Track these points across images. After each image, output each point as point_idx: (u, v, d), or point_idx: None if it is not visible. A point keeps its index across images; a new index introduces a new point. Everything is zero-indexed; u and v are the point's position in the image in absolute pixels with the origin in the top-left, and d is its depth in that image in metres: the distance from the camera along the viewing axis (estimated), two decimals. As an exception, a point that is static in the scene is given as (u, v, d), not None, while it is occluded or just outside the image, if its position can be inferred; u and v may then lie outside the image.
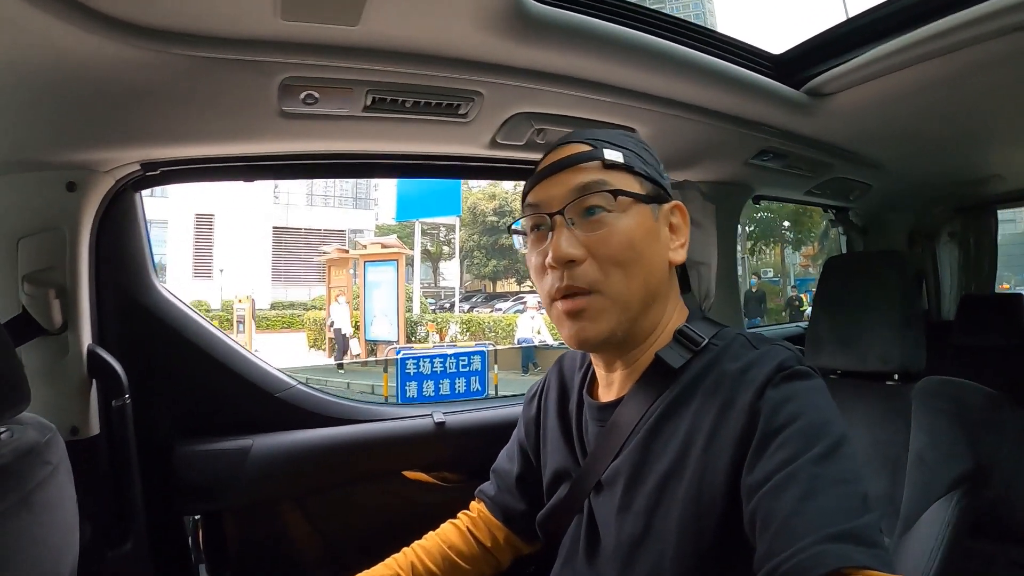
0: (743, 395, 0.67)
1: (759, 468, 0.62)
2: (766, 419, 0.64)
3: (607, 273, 0.73)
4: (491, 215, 22.51)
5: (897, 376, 1.24)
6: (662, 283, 0.78)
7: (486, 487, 1.02)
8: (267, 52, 0.85)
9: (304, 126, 1.05)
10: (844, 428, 0.64)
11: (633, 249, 0.74)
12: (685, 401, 0.73)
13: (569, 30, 0.92)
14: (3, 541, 0.58)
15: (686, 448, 0.70)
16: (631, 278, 0.74)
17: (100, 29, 0.73)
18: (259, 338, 14.04)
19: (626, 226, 0.74)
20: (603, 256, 0.73)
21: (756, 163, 1.52)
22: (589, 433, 0.83)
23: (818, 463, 0.59)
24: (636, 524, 0.71)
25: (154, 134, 1.02)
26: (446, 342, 12.72)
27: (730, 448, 0.66)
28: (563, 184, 0.76)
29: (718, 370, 0.72)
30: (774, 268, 21.72)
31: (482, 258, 23.86)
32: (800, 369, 0.69)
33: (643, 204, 0.77)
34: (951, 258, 2.49)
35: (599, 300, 0.73)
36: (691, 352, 0.76)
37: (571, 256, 0.73)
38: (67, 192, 1.03)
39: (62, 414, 1.02)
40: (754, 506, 0.60)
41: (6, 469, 0.62)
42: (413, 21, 0.84)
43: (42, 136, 0.96)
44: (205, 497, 1.19)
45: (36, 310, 1.02)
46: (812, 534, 0.54)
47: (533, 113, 1.12)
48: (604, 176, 0.75)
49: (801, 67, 1.26)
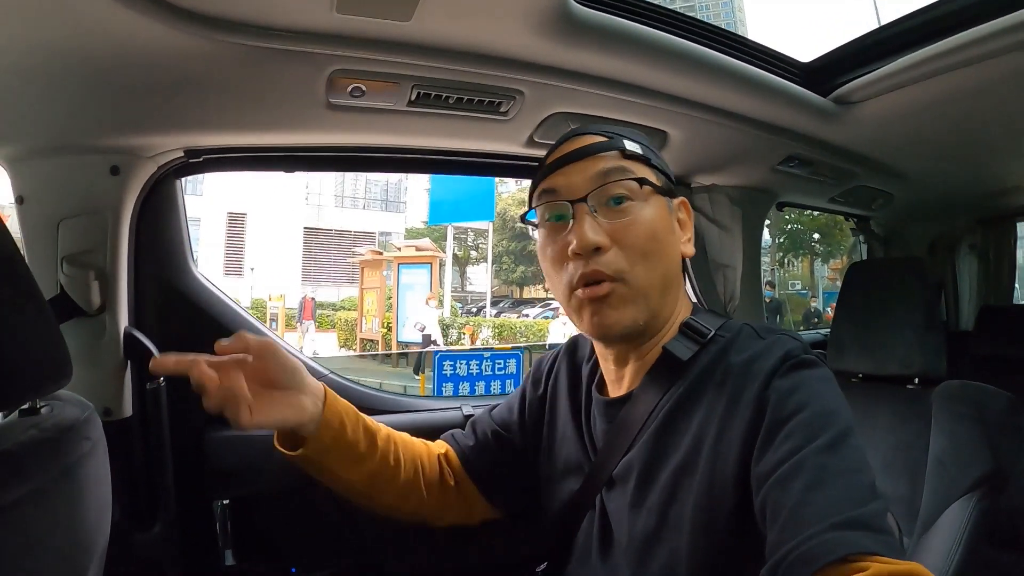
0: (751, 386, 0.67)
1: (767, 458, 0.62)
2: (773, 408, 0.65)
3: (632, 262, 0.73)
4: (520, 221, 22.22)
5: (917, 380, 1.25)
6: (677, 274, 0.79)
7: (457, 434, 1.01)
8: (319, 44, 0.86)
9: (348, 118, 1.06)
10: (850, 418, 0.64)
11: (656, 239, 0.75)
12: (696, 395, 0.73)
13: (610, 33, 0.94)
14: (43, 513, 0.56)
15: (698, 442, 0.70)
16: (653, 268, 0.75)
17: (158, 15, 0.74)
18: (288, 337, 14.10)
19: (650, 216, 0.75)
20: (628, 245, 0.74)
21: (782, 169, 1.53)
22: (597, 429, 0.84)
23: (825, 453, 0.59)
24: (650, 519, 0.72)
25: (199, 122, 1.03)
26: (478, 346, 12.67)
27: (740, 439, 0.66)
28: (584, 172, 0.76)
29: (726, 362, 0.72)
30: (803, 280, 21.55)
31: (510, 263, 23.79)
32: (807, 358, 0.69)
33: (662, 196, 0.78)
34: (970, 270, 2.48)
35: (622, 288, 0.73)
36: (698, 344, 0.76)
37: (597, 243, 0.73)
38: (110, 176, 1.03)
39: (97, 395, 1.00)
40: (763, 496, 0.61)
41: (50, 442, 0.61)
42: (463, 19, 0.85)
43: (89, 120, 0.97)
44: (235, 483, 1.18)
45: (74, 291, 1.02)
46: (820, 522, 0.54)
47: (571, 113, 1.13)
48: (626, 164, 0.76)
49: (829, 75, 1.28)
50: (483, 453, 0.97)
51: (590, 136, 0.79)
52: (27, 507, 0.53)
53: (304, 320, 14.04)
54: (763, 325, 0.77)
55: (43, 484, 0.58)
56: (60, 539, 0.61)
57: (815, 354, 0.71)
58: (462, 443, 0.98)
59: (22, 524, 0.53)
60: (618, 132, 0.80)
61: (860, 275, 1.44)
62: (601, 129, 0.81)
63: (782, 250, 18.89)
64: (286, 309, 14.96)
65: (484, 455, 0.97)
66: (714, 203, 1.60)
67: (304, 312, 14.08)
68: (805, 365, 0.68)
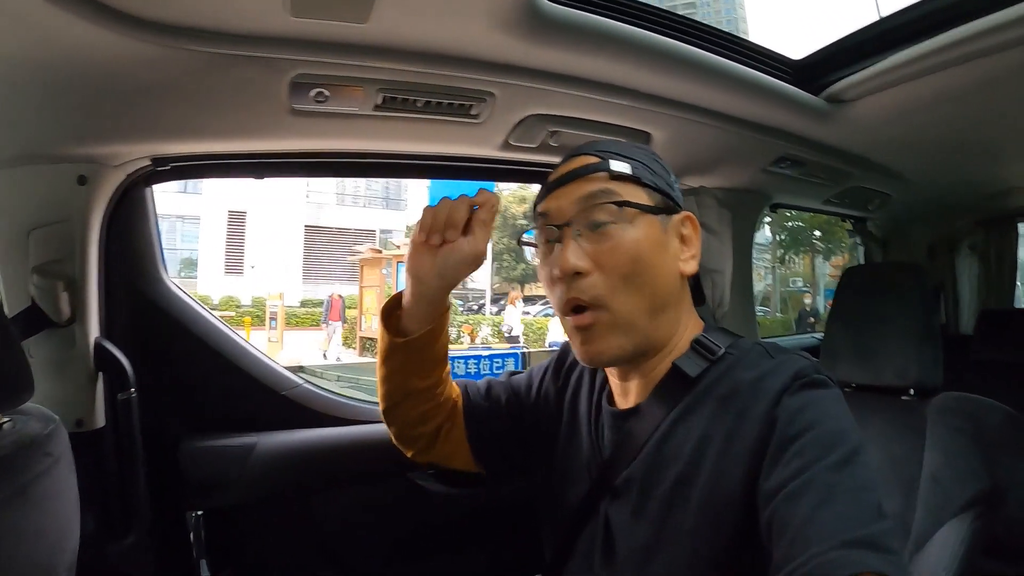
0: (760, 403, 0.68)
1: (775, 475, 0.62)
2: (783, 427, 0.65)
3: (612, 287, 0.74)
4: (521, 219, 22.46)
5: (913, 391, 1.21)
6: (671, 294, 0.78)
7: (471, 386, 1.00)
8: (277, 49, 0.85)
9: (315, 124, 1.05)
10: (860, 437, 0.64)
11: (640, 261, 0.74)
12: (698, 407, 0.73)
13: (584, 31, 0.92)
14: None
15: (699, 454, 0.70)
16: (637, 292, 0.74)
17: (112, 25, 0.73)
18: (288, 335, 14.16)
19: (632, 238, 0.75)
20: (609, 268, 0.74)
21: (774, 170, 1.50)
22: (605, 439, 0.84)
23: (834, 471, 0.59)
24: (649, 529, 0.72)
25: (165, 129, 1.03)
26: (477, 344, 12.75)
27: (746, 456, 0.66)
28: (570, 195, 0.77)
29: (733, 378, 0.73)
30: (804, 278, 21.61)
31: (511, 261, 23.88)
32: (817, 378, 0.69)
33: (651, 215, 0.76)
34: (971, 271, 2.46)
35: (605, 316, 0.74)
36: (708, 361, 0.76)
37: (577, 268, 0.73)
38: (78, 185, 1.03)
39: (68, 406, 1.02)
40: (770, 513, 0.60)
41: (4, 460, 0.62)
42: (423, 20, 0.84)
43: (54, 130, 0.97)
44: (209, 493, 1.19)
45: (45, 302, 1.02)
46: (827, 540, 0.54)
47: (547, 115, 1.12)
48: (610, 186, 0.76)
49: (820, 73, 1.25)
50: (488, 412, 0.97)
51: (584, 157, 0.80)
52: None
53: (331, 321, 13.36)
54: (774, 345, 0.78)
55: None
56: (19, 555, 0.62)
57: (826, 375, 0.71)
58: (472, 395, 0.97)
59: None
60: (613, 151, 0.80)
61: (855, 280, 1.40)
62: (596, 149, 0.80)
63: (783, 247, 18.90)
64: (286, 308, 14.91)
65: (489, 414, 0.96)
66: (701, 206, 1.57)
67: (332, 312, 13.38)
68: (815, 385, 0.69)
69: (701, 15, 46.26)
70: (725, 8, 46.17)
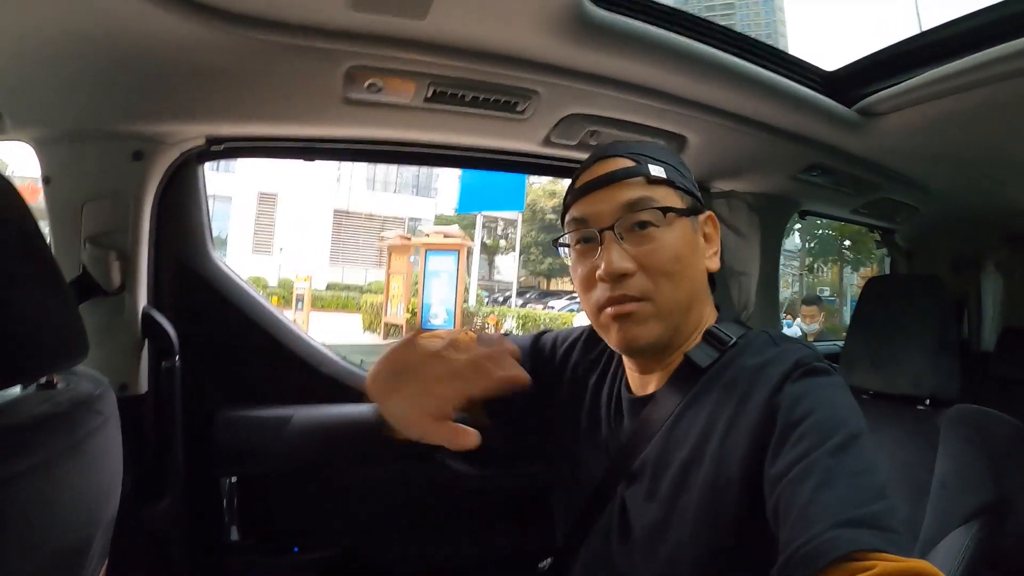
0: (761, 390, 0.69)
1: (780, 460, 0.63)
2: (785, 413, 0.66)
3: (657, 284, 0.76)
4: (550, 213, 22.26)
5: (928, 401, 1.23)
6: (702, 290, 0.82)
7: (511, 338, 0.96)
8: (335, 41, 0.88)
9: (366, 113, 1.08)
10: (862, 423, 0.66)
11: (680, 261, 0.77)
12: (705, 394, 0.76)
13: (627, 35, 0.94)
14: (50, 484, 0.58)
15: (704, 438, 0.72)
16: (678, 288, 0.77)
17: (178, 8, 0.76)
18: (314, 316, 14.10)
19: (673, 240, 0.77)
20: (653, 268, 0.76)
21: (803, 178, 1.51)
22: (623, 423, 0.86)
23: (834, 455, 0.60)
24: (659, 510, 0.74)
25: (220, 111, 1.06)
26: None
27: (747, 440, 0.68)
28: (610, 200, 0.78)
29: (737, 364, 0.75)
30: (831, 287, 21.21)
31: (539, 255, 23.75)
32: (819, 366, 0.71)
33: (685, 217, 0.79)
34: (995, 288, 2.42)
35: (648, 307, 0.76)
36: (718, 352, 0.79)
37: (625, 270, 0.75)
38: (133, 161, 1.06)
39: (113, 371, 1.04)
40: (775, 497, 0.62)
41: (62, 416, 0.64)
42: (478, 19, 0.86)
43: (113, 107, 1.00)
44: (243, 461, 1.21)
45: (96, 271, 1.05)
46: (826, 521, 0.55)
47: (587, 115, 1.14)
48: (650, 192, 0.78)
49: (854, 85, 1.26)
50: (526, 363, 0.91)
51: (617, 159, 0.81)
52: (33, 478, 0.55)
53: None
54: (780, 334, 0.80)
55: (51, 456, 0.60)
56: (67, 508, 0.63)
57: (827, 363, 0.72)
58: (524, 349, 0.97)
59: (28, 494, 0.55)
60: (644, 153, 0.81)
61: (877, 290, 1.41)
62: (628, 150, 0.81)
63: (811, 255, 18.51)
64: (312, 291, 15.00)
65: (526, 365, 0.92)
66: (732, 209, 1.59)
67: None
68: (817, 372, 0.70)
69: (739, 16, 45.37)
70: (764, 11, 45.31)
